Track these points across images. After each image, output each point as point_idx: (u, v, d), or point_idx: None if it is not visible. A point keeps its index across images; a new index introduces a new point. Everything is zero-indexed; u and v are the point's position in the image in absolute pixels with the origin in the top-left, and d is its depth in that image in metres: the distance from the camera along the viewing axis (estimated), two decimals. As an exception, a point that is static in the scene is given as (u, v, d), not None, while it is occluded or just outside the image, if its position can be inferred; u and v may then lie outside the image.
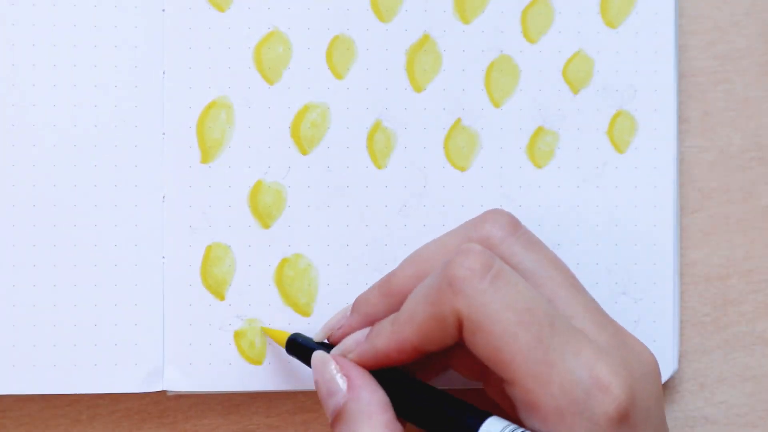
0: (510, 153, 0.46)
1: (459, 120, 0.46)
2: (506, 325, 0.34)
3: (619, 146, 0.47)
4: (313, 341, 0.43)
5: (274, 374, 0.45)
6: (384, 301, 0.40)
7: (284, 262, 0.45)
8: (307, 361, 0.42)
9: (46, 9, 0.45)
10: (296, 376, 0.45)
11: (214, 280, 0.45)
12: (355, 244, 0.45)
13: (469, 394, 0.40)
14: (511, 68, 0.46)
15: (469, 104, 0.46)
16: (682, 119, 0.48)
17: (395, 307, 0.39)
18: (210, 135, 0.45)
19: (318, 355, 0.40)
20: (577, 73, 0.46)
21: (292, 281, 0.45)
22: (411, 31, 0.46)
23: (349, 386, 0.38)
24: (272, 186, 0.45)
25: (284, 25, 0.46)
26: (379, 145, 0.46)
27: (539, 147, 0.46)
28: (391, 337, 0.37)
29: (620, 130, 0.47)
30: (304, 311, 0.45)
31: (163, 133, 0.45)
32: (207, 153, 0.45)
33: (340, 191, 0.46)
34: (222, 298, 0.45)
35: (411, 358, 0.38)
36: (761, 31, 0.48)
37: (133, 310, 0.44)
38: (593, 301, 0.38)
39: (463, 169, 0.46)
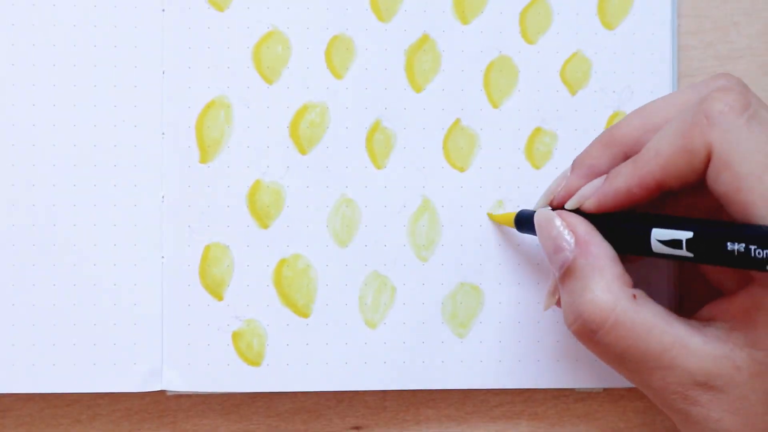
0: (508, 153, 0.46)
1: (458, 120, 0.46)
2: (754, 167, 0.33)
3: (618, 147, 0.47)
4: (532, 212, 0.42)
5: (272, 375, 0.45)
6: (606, 152, 0.39)
7: (283, 262, 0.45)
8: (533, 232, 0.42)
9: (46, 9, 0.45)
10: (296, 376, 0.45)
11: (213, 280, 0.45)
12: (355, 244, 0.45)
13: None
14: (509, 69, 0.46)
15: (468, 104, 0.46)
16: (681, 119, 0.48)
17: (618, 159, 0.38)
18: (209, 134, 0.45)
19: (542, 213, 0.40)
20: (575, 74, 0.46)
21: (290, 281, 0.45)
22: (410, 31, 0.46)
23: (577, 241, 0.38)
24: (271, 186, 0.45)
25: (283, 24, 0.46)
26: (378, 145, 0.46)
27: (537, 147, 0.46)
28: (633, 173, 0.37)
29: (619, 131, 0.47)
30: (303, 312, 0.45)
31: (163, 133, 0.45)
32: (206, 153, 0.45)
33: (340, 191, 0.45)
34: (220, 298, 0.45)
35: (651, 195, 0.37)
36: (761, 31, 0.48)
37: (132, 309, 0.44)
38: None
39: (462, 170, 0.46)
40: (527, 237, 0.45)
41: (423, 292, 0.45)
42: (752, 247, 0.34)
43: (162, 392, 0.46)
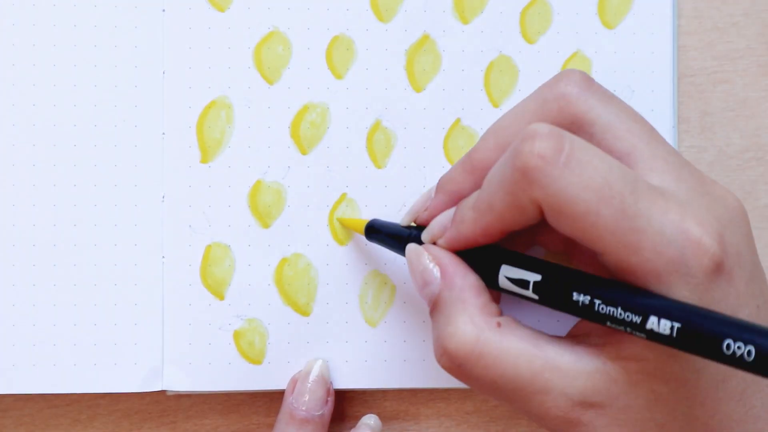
0: (509, 153, 0.46)
1: (458, 120, 0.46)
2: (587, 205, 0.33)
3: (618, 146, 0.47)
4: (390, 225, 0.43)
5: (274, 374, 0.45)
6: (468, 178, 0.39)
7: (284, 261, 0.45)
8: (386, 244, 0.42)
9: (46, 9, 0.45)
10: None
11: (214, 280, 0.45)
12: (355, 243, 0.46)
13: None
14: (510, 68, 0.46)
15: (468, 104, 0.46)
16: (681, 119, 0.48)
17: (479, 183, 0.38)
18: (210, 135, 0.45)
19: (412, 248, 0.39)
20: (576, 73, 0.46)
21: (291, 281, 0.45)
22: (410, 31, 0.46)
23: (442, 274, 0.37)
24: (272, 186, 0.45)
25: (284, 25, 0.46)
26: (378, 144, 0.46)
27: (538, 147, 0.46)
28: (475, 222, 0.37)
29: (619, 130, 0.47)
30: (304, 311, 0.45)
31: (163, 133, 0.45)
32: (207, 153, 0.45)
33: (340, 191, 0.46)
34: (222, 297, 0.45)
35: (497, 238, 0.37)
36: (760, 31, 0.48)
37: (133, 309, 0.44)
38: (672, 149, 0.37)
39: (462, 169, 0.46)
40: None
41: (424, 292, 0.46)
42: (596, 302, 0.34)
43: (162, 392, 0.46)
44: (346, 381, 0.45)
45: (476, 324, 0.36)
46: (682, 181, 0.36)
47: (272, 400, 0.46)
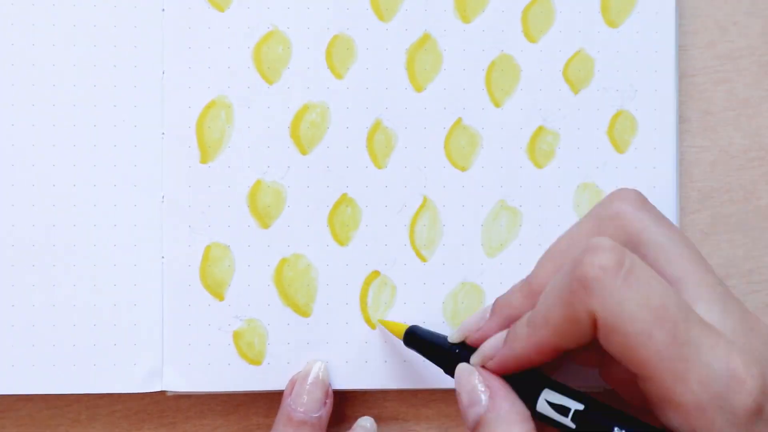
0: (510, 152, 0.46)
1: (459, 119, 0.46)
2: (642, 325, 0.33)
3: (620, 146, 0.47)
4: (433, 335, 0.42)
5: (273, 374, 0.45)
6: (525, 303, 0.40)
7: (283, 262, 0.45)
8: (425, 354, 0.42)
9: (46, 9, 0.45)
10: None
11: (214, 280, 0.45)
12: (355, 244, 0.45)
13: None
14: (511, 68, 0.46)
15: (469, 104, 0.46)
16: (682, 119, 0.48)
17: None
18: (209, 135, 0.45)
19: (463, 367, 0.40)
20: (577, 73, 0.46)
21: (291, 281, 0.45)
22: (411, 31, 0.46)
23: (491, 397, 0.38)
24: (272, 186, 0.45)
25: (284, 24, 0.46)
26: (379, 145, 0.46)
27: (540, 146, 0.46)
28: (529, 340, 0.37)
29: (620, 130, 0.47)
30: (304, 311, 0.45)
31: (163, 133, 0.45)
32: (206, 153, 0.45)
33: (340, 191, 0.45)
34: (221, 298, 0.45)
35: (550, 358, 0.37)
36: (761, 31, 0.48)
37: (132, 310, 0.44)
38: (719, 280, 0.38)
39: (463, 169, 0.46)
40: (529, 236, 0.46)
41: (424, 292, 0.45)
42: None
43: (162, 392, 0.46)
44: (346, 382, 0.45)
45: None
46: (728, 315, 0.36)
47: (272, 400, 0.46)
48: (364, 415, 0.46)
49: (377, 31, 0.46)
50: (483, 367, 0.39)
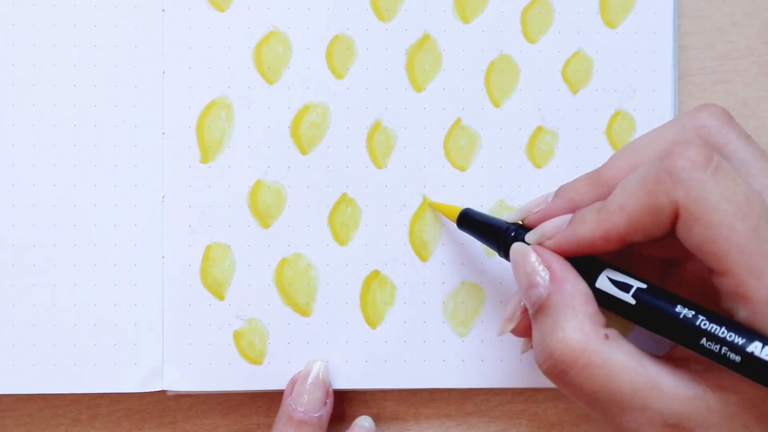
0: (509, 152, 0.46)
1: (459, 120, 0.46)
2: (724, 216, 0.33)
3: (618, 146, 0.47)
4: (487, 217, 0.42)
5: (273, 374, 0.45)
6: (592, 191, 0.39)
7: (284, 261, 0.45)
8: (478, 236, 0.42)
9: (46, 9, 0.45)
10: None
11: (214, 280, 0.45)
12: (355, 243, 0.45)
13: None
14: (510, 68, 0.46)
15: (469, 104, 0.46)
16: (681, 119, 0.48)
17: (602, 197, 0.38)
18: (210, 135, 0.45)
19: (518, 247, 0.39)
20: (576, 73, 0.46)
21: (291, 281, 0.45)
22: (411, 31, 0.46)
23: (552, 278, 0.37)
24: (272, 186, 0.45)
25: (284, 24, 0.46)
26: (378, 145, 0.46)
27: (539, 146, 0.46)
28: (597, 225, 0.37)
29: (619, 130, 0.47)
30: (304, 311, 0.45)
31: (163, 133, 0.45)
32: (207, 153, 0.45)
33: (340, 191, 0.46)
34: (221, 297, 0.45)
35: (614, 247, 0.37)
36: (761, 31, 0.48)
37: (133, 309, 0.44)
38: None
39: (462, 169, 0.46)
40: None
41: (424, 291, 0.46)
42: (700, 317, 0.34)
43: (162, 392, 0.46)
44: (346, 381, 0.45)
45: (585, 333, 0.36)
46: None
47: (272, 400, 0.46)
48: (364, 413, 0.46)
49: (377, 32, 0.46)
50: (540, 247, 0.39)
